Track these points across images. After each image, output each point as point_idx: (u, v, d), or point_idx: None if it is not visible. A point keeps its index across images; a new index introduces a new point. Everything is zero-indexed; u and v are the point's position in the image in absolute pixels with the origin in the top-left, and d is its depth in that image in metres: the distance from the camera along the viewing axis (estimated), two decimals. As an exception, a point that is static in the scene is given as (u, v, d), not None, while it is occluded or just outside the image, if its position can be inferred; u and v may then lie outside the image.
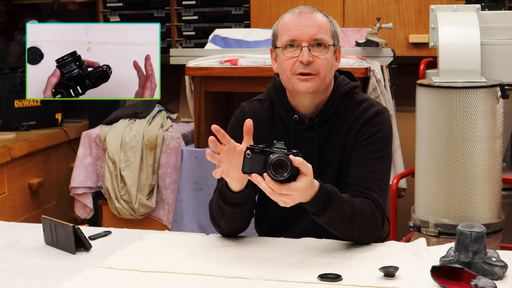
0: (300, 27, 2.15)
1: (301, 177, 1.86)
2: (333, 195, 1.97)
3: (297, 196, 1.88)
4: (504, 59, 3.20)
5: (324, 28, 2.17)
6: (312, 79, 2.15)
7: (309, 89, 2.15)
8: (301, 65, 2.14)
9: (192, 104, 3.76)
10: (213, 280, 1.83)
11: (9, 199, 3.96)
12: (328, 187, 1.98)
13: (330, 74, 2.20)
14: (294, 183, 1.85)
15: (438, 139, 2.95)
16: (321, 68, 2.15)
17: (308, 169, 1.87)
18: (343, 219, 2.00)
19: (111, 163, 3.97)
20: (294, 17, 2.18)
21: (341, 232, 2.06)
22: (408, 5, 4.16)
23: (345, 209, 2.00)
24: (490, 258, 1.80)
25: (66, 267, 1.95)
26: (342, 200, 2.00)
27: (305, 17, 2.17)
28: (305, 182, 1.87)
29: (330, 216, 1.98)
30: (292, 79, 2.17)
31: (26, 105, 4.33)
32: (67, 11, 4.75)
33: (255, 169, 1.86)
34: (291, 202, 1.89)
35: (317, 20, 2.17)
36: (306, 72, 2.14)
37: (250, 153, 1.86)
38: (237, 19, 4.42)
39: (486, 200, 2.96)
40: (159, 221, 4.03)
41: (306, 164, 1.86)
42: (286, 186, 1.85)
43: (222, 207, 2.08)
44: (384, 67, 3.70)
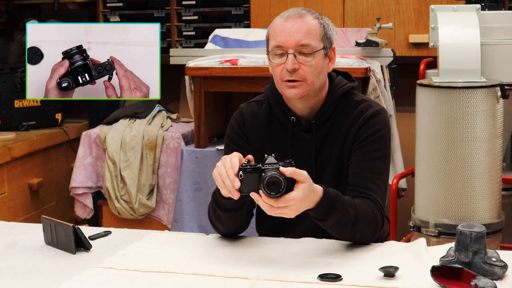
0: (286, 33, 2.13)
1: (297, 186, 1.86)
2: (337, 199, 1.97)
3: (297, 205, 1.86)
4: (504, 59, 3.20)
5: (312, 32, 2.14)
6: (299, 86, 2.15)
7: (296, 95, 2.15)
8: (287, 72, 2.14)
9: (192, 104, 3.76)
10: (213, 280, 1.83)
11: (9, 199, 3.96)
12: (332, 192, 1.97)
13: (320, 79, 2.18)
14: (289, 194, 1.84)
15: (438, 139, 2.95)
16: (307, 74, 2.14)
17: (303, 177, 1.86)
18: (346, 222, 2.00)
19: (111, 163, 3.97)
20: (282, 22, 2.16)
21: (344, 235, 2.05)
22: (408, 5, 4.16)
23: (349, 212, 1.99)
24: (490, 258, 1.80)
25: (66, 267, 1.95)
26: (346, 203, 1.99)
27: (293, 22, 2.14)
28: (303, 190, 1.86)
29: (334, 221, 1.98)
30: (281, 85, 2.17)
31: (26, 105, 4.34)
32: (67, 11, 4.75)
33: (250, 188, 1.87)
34: (292, 212, 1.87)
35: (304, 26, 2.14)
36: (292, 79, 2.14)
37: (243, 174, 1.87)
38: (237, 19, 4.42)
39: (486, 200, 2.96)
40: (159, 221, 4.03)
41: (299, 173, 1.85)
42: (282, 199, 1.84)
43: (217, 212, 2.08)
44: (384, 67, 3.70)
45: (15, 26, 4.93)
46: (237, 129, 2.29)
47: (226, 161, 1.90)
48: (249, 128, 2.28)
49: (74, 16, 4.89)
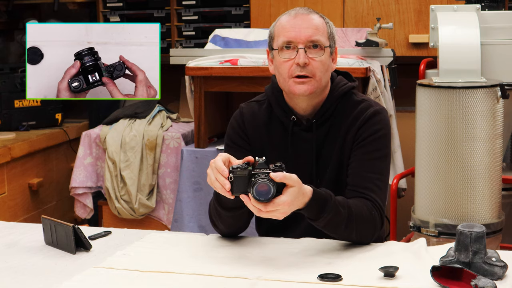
0: (296, 29, 2.15)
1: (286, 190, 1.87)
2: (327, 199, 1.98)
3: (286, 209, 1.88)
4: (504, 59, 3.20)
5: (321, 29, 2.16)
6: (308, 82, 2.15)
7: (306, 91, 2.15)
8: (297, 68, 2.14)
9: (192, 104, 3.77)
10: (213, 280, 1.83)
11: (9, 199, 3.96)
12: (322, 192, 1.98)
13: (326, 76, 2.19)
14: (278, 198, 1.86)
15: (438, 139, 2.95)
16: (317, 70, 2.15)
17: (293, 181, 1.87)
18: (339, 222, 2.01)
19: (111, 163, 3.97)
20: (290, 19, 2.17)
21: (339, 235, 2.06)
22: (408, 5, 4.16)
23: (341, 212, 2.00)
24: (490, 258, 1.80)
25: (66, 267, 1.95)
26: (337, 203, 2.00)
27: (302, 18, 2.16)
28: (291, 194, 1.87)
29: (326, 220, 1.98)
30: (288, 82, 2.17)
31: (26, 105, 4.34)
32: (67, 11, 4.76)
33: (241, 190, 1.89)
34: (281, 215, 1.89)
35: (314, 22, 2.16)
36: (302, 75, 2.14)
37: (233, 176, 1.88)
38: (237, 19, 4.42)
39: (486, 200, 2.96)
40: (159, 221, 4.03)
41: (289, 177, 1.87)
42: (271, 203, 1.86)
43: (219, 210, 2.09)
44: (384, 67, 3.70)
45: (15, 26, 4.93)
46: (237, 129, 2.29)
47: (211, 166, 1.93)
48: (249, 128, 2.28)
49: (74, 16, 4.89)
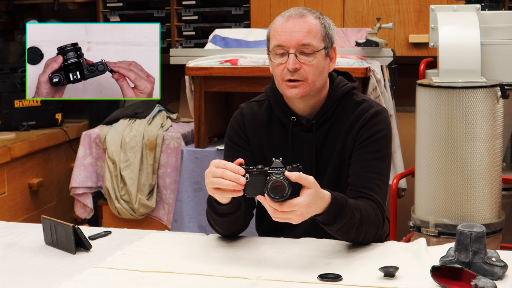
0: (287, 33, 2.13)
1: (303, 191, 1.84)
2: (343, 204, 1.96)
3: (303, 211, 1.85)
4: (504, 59, 3.20)
5: (313, 32, 2.14)
6: (300, 85, 2.14)
7: (297, 95, 2.15)
8: (288, 72, 2.14)
9: (192, 104, 3.76)
10: (213, 280, 1.83)
11: (9, 199, 3.96)
12: (339, 196, 1.96)
13: (321, 78, 2.18)
14: (295, 199, 1.83)
15: (438, 139, 2.95)
16: (308, 74, 2.14)
17: (309, 182, 1.84)
18: (352, 226, 2.00)
19: (111, 163, 3.97)
20: (283, 22, 2.16)
21: (348, 238, 2.05)
22: (408, 5, 4.16)
23: (355, 216, 1.99)
24: (490, 258, 1.80)
25: (66, 267, 1.95)
26: (352, 207, 1.99)
27: (294, 22, 2.14)
28: (309, 196, 1.84)
29: (341, 225, 1.97)
30: (282, 85, 2.17)
31: (26, 105, 4.34)
32: (67, 11, 4.76)
33: (256, 191, 1.86)
34: (298, 218, 1.86)
35: (306, 25, 2.14)
36: (293, 79, 2.14)
37: (249, 176, 1.86)
38: (237, 19, 4.42)
39: (486, 200, 2.96)
40: (159, 221, 4.03)
41: (305, 178, 1.84)
42: (286, 203, 1.83)
43: (214, 217, 2.08)
44: (384, 67, 3.70)
45: (15, 26, 4.94)
46: (237, 129, 2.29)
47: (219, 164, 1.88)
48: (249, 128, 2.28)
49: (74, 16, 4.89)
